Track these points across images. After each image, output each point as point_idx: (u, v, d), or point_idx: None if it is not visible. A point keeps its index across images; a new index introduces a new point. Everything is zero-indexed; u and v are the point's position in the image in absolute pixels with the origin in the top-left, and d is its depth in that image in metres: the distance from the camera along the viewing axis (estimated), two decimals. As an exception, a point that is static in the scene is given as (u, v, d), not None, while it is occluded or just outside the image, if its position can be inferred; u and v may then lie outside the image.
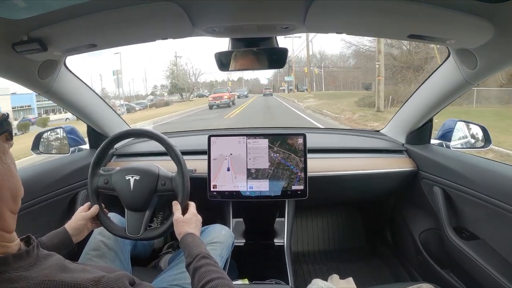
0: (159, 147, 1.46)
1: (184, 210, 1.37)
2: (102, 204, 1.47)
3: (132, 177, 1.41)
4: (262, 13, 1.17)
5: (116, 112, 2.26)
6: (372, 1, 1.05)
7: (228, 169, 1.87)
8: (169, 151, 1.42)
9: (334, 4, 1.07)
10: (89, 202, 1.45)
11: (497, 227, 1.50)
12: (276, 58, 1.47)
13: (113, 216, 1.59)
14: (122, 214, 1.49)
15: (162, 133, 1.51)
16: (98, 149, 1.50)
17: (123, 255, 1.54)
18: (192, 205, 1.40)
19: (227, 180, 1.87)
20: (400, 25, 1.21)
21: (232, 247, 1.69)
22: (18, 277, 0.63)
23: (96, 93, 2.00)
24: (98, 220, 1.43)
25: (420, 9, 1.07)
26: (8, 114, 0.69)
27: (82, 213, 1.39)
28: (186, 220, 1.31)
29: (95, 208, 1.41)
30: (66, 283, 0.65)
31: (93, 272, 0.74)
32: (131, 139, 2.40)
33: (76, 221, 1.35)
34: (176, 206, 1.35)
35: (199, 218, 1.37)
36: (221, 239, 1.61)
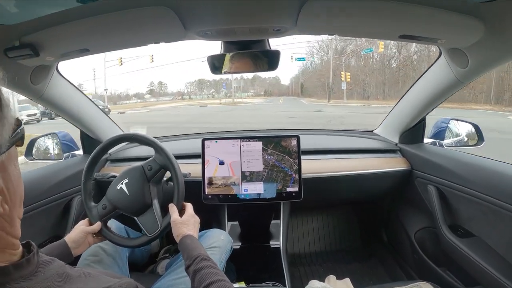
0: (153, 151, 1.45)
1: (181, 211, 1.36)
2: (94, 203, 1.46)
3: (122, 183, 1.41)
4: (254, 15, 1.17)
5: (109, 117, 2.25)
6: (363, 2, 1.06)
7: (222, 164, 1.88)
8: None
9: (325, 6, 1.08)
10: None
11: (492, 224, 1.51)
12: (269, 61, 1.47)
13: (111, 223, 1.57)
14: (119, 219, 1.48)
15: (155, 137, 1.51)
16: (92, 154, 1.49)
17: (121, 261, 1.53)
18: (189, 206, 1.39)
19: (222, 183, 1.87)
20: (391, 25, 1.22)
21: (230, 251, 1.68)
22: None
23: (89, 98, 1.99)
24: (101, 235, 1.41)
25: (410, 9, 1.08)
26: (21, 121, 0.68)
27: (82, 226, 1.37)
28: (184, 221, 1.29)
29: (97, 226, 1.38)
30: None
31: (97, 279, 0.72)
32: (125, 143, 2.40)
33: (76, 234, 1.32)
34: (172, 208, 1.34)
35: (197, 219, 1.35)
36: (220, 243, 1.60)
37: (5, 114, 0.59)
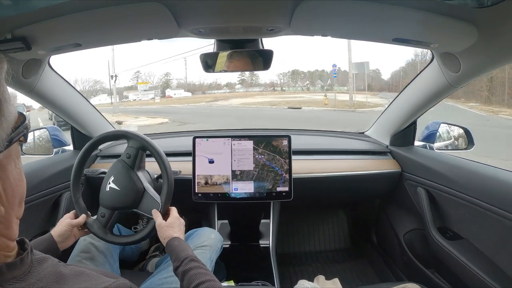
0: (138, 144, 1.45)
1: (165, 215, 1.35)
2: (89, 212, 1.44)
3: (109, 182, 1.41)
4: (248, 15, 1.17)
5: (100, 113, 2.24)
6: (357, 5, 1.06)
7: (212, 163, 1.89)
8: (153, 153, 1.41)
9: (320, 7, 1.08)
10: (75, 210, 1.43)
11: (480, 227, 1.53)
12: (262, 60, 1.47)
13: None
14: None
15: (146, 134, 1.51)
16: (82, 150, 1.49)
17: (112, 258, 1.53)
18: (173, 210, 1.38)
19: (212, 181, 1.87)
20: (385, 28, 1.23)
21: (221, 250, 1.68)
22: None
23: (80, 93, 1.98)
24: (87, 229, 1.40)
25: (405, 13, 1.09)
26: (25, 117, 0.65)
27: (68, 220, 1.36)
28: (169, 224, 1.29)
29: (82, 218, 1.38)
30: None
31: (91, 278, 0.70)
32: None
33: (62, 227, 1.31)
34: (156, 214, 1.33)
35: (182, 221, 1.35)
36: (210, 242, 1.60)
37: (3, 112, 0.56)
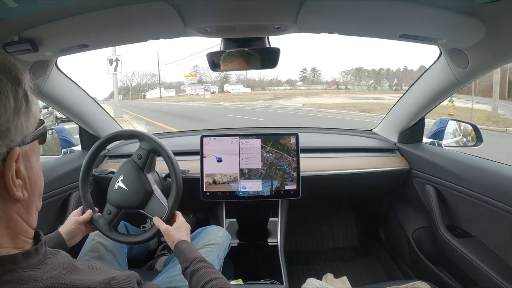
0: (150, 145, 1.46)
1: (171, 220, 1.37)
2: (96, 208, 1.46)
3: (118, 181, 1.42)
4: (254, 13, 1.17)
5: (107, 113, 2.24)
6: (363, 1, 1.06)
7: (220, 161, 1.88)
8: (164, 158, 1.42)
9: (326, 4, 1.08)
10: (82, 206, 1.45)
11: (489, 224, 1.52)
12: (268, 58, 1.47)
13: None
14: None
15: (154, 134, 1.51)
16: (90, 150, 1.49)
17: (121, 257, 1.54)
18: (179, 214, 1.40)
19: (220, 180, 1.87)
20: (391, 25, 1.22)
21: (228, 248, 1.69)
22: (27, 278, 0.61)
23: (88, 94, 1.98)
24: (92, 224, 1.42)
25: (411, 9, 1.08)
26: (43, 120, 0.73)
27: (75, 217, 1.38)
28: (177, 228, 1.31)
29: (89, 213, 1.40)
30: (75, 286, 0.64)
31: (102, 271, 0.74)
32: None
33: (70, 225, 1.34)
34: (158, 221, 1.34)
35: (188, 225, 1.36)
36: (218, 240, 1.60)
37: (30, 108, 0.64)
